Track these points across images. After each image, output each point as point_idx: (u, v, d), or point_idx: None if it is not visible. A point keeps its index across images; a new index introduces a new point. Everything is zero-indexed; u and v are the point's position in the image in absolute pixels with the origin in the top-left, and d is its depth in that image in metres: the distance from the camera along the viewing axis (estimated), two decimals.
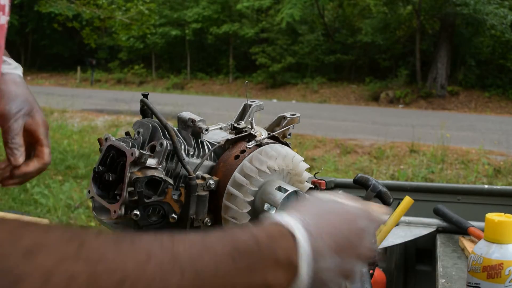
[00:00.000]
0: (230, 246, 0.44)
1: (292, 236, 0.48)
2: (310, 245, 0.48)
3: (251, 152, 0.86)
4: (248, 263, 0.44)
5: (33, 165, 0.92)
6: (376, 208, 0.60)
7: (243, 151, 0.87)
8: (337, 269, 0.51)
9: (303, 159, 0.93)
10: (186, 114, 0.89)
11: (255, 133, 0.91)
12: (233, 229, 0.50)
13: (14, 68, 0.95)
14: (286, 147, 0.92)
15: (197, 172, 0.85)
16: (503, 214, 0.95)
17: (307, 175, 0.94)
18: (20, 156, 0.90)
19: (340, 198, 0.57)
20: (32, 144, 0.94)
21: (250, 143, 0.88)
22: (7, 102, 0.90)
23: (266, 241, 0.46)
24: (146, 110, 0.90)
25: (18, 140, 0.90)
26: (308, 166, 0.93)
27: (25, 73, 1.00)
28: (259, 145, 0.88)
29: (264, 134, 0.93)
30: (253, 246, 0.45)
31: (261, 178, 0.85)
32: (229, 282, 0.42)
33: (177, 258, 0.40)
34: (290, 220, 0.49)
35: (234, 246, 0.44)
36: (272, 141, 0.92)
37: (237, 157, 0.87)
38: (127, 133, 0.88)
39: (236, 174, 0.84)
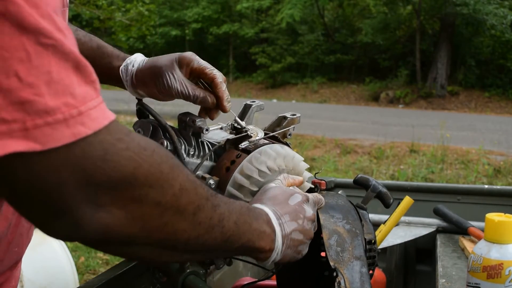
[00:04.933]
0: (245, 204, 0.73)
1: (263, 211, 0.76)
2: (274, 214, 0.76)
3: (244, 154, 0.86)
4: (255, 215, 0.73)
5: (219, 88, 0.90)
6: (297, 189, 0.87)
7: (238, 156, 0.87)
8: (297, 229, 0.78)
9: (303, 159, 0.93)
10: (187, 114, 0.89)
11: (251, 133, 0.91)
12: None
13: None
14: (286, 147, 0.92)
15: (197, 172, 0.85)
16: (503, 214, 0.95)
17: (307, 174, 0.93)
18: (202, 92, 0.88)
19: (280, 184, 0.84)
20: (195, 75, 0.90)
21: (242, 144, 0.88)
22: (154, 61, 0.89)
23: (256, 209, 0.75)
24: (142, 111, 0.90)
25: (189, 83, 0.88)
26: (308, 166, 0.93)
27: None
28: (255, 145, 0.88)
29: (261, 134, 0.92)
30: (254, 210, 0.74)
31: (262, 178, 0.85)
32: (247, 220, 0.70)
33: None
34: (258, 205, 0.78)
35: (246, 205, 0.73)
36: (269, 140, 0.92)
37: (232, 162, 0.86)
38: None
39: (236, 174, 0.84)
